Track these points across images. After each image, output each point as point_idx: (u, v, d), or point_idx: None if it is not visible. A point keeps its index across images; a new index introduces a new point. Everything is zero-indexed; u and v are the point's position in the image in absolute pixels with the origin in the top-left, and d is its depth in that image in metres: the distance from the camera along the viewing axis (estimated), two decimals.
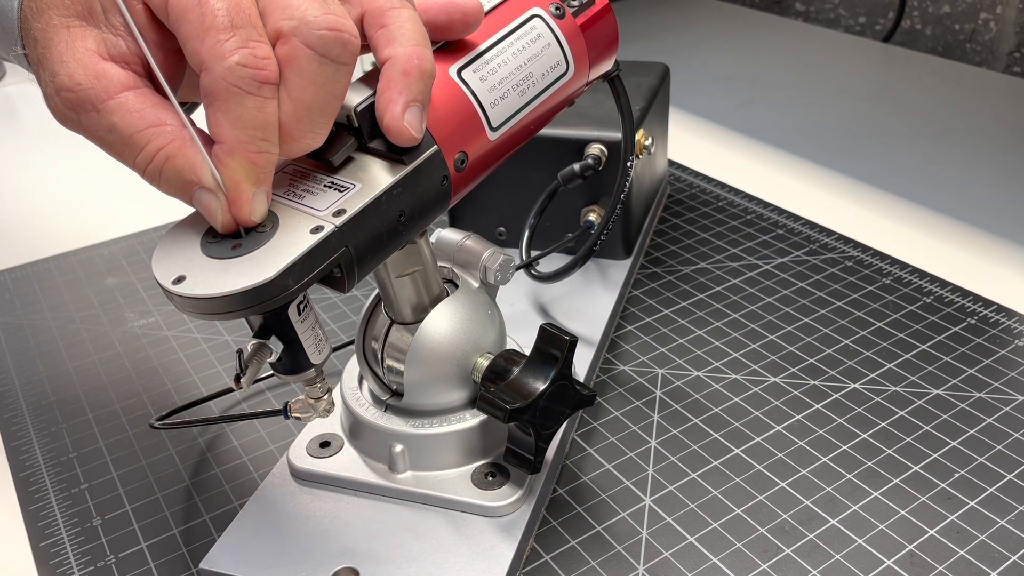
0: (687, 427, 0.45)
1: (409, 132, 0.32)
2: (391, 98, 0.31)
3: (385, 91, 0.32)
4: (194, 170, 0.29)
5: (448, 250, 0.41)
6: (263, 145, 0.29)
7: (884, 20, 1.07)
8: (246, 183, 0.29)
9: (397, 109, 0.31)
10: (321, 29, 0.29)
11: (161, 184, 0.30)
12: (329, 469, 0.40)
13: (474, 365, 0.39)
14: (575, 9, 0.39)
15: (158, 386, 0.51)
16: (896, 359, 0.49)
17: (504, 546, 0.37)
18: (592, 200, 0.55)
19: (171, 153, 0.29)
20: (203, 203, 0.30)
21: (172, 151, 0.29)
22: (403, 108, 0.31)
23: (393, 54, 0.32)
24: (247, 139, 0.29)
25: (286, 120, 0.29)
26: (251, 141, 0.29)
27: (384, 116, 0.32)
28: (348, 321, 0.55)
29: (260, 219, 0.30)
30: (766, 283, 0.57)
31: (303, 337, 0.32)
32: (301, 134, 0.30)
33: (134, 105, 0.29)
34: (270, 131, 0.29)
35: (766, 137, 0.78)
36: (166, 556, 0.40)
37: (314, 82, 0.29)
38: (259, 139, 0.29)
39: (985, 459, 0.42)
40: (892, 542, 0.38)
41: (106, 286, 0.61)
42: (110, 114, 0.29)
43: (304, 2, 0.29)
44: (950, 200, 0.66)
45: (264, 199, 0.30)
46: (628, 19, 1.11)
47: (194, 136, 0.29)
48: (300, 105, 0.29)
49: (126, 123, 0.29)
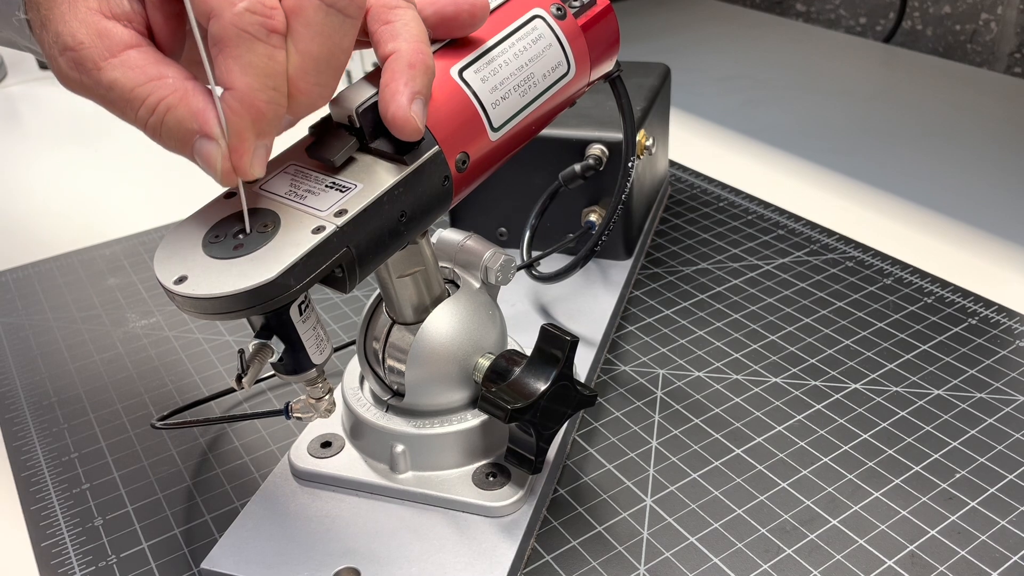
0: (688, 427, 0.45)
1: (415, 123, 0.31)
2: (396, 89, 0.31)
3: (390, 83, 0.31)
4: (196, 118, 0.29)
5: (449, 250, 0.41)
6: (273, 95, 0.29)
7: (885, 21, 1.07)
8: (250, 132, 0.29)
9: (403, 100, 0.31)
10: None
11: (162, 136, 0.30)
12: (330, 469, 0.40)
13: (475, 365, 0.39)
14: (576, 10, 0.39)
15: (159, 386, 0.51)
16: (897, 359, 0.49)
17: (505, 546, 0.37)
18: (593, 200, 0.55)
19: (172, 104, 0.29)
20: (204, 152, 0.29)
21: (173, 102, 0.29)
22: (409, 99, 0.31)
23: (397, 48, 0.32)
24: (258, 87, 0.28)
25: (294, 73, 0.29)
26: (262, 89, 0.29)
27: (390, 107, 0.31)
28: (349, 321, 0.55)
29: (258, 174, 0.30)
30: (767, 283, 0.57)
31: (304, 337, 0.33)
32: (308, 87, 0.30)
33: (136, 61, 0.29)
34: (280, 80, 0.29)
35: (767, 138, 0.78)
36: (167, 556, 0.40)
37: (321, 33, 0.29)
38: (270, 88, 0.29)
39: (986, 459, 0.42)
40: (893, 542, 0.38)
41: (108, 286, 0.61)
42: (112, 71, 0.29)
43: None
44: (951, 200, 0.66)
45: (265, 154, 0.30)
46: (629, 20, 1.11)
47: (197, 86, 0.29)
48: (307, 57, 0.29)
49: (128, 78, 0.29)
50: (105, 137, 0.85)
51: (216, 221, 0.31)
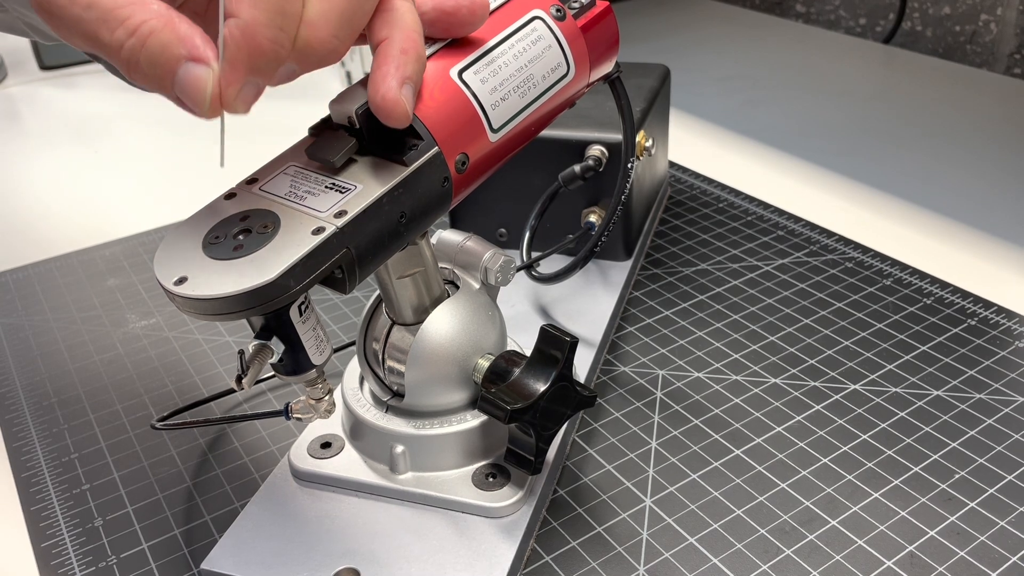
0: (687, 428, 0.45)
1: (403, 106, 0.31)
2: (388, 72, 0.31)
3: (382, 66, 0.31)
4: (183, 43, 0.27)
5: (449, 251, 0.41)
6: (278, 34, 0.27)
7: (885, 21, 1.07)
8: (244, 64, 0.27)
9: (393, 83, 0.31)
10: None
11: (141, 63, 0.27)
12: (330, 470, 0.40)
13: (475, 366, 0.39)
14: (576, 11, 0.39)
15: (159, 387, 0.51)
16: (896, 360, 0.49)
17: (505, 547, 0.37)
18: (593, 201, 0.55)
19: (156, 27, 0.27)
20: (190, 78, 0.27)
21: (157, 25, 0.27)
22: (399, 83, 0.31)
23: (391, 35, 0.31)
24: (265, 21, 0.27)
25: (315, 18, 0.28)
26: (268, 25, 0.27)
27: (379, 90, 0.31)
28: (349, 322, 0.56)
29: (243, 111, 0.28)
30: (766, 284, 0.57)
31: (304, 338, 0.33)
32: (326, 37, 0.29)
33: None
34: (289, 22, 0.28)
35: (767, 138, 0.78)
36: (167, 557, 0.40)
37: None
38: (277, 26, 0.27)
39: (985, 460, 0.42)
40: (892, 543, 0.38)
41: (107, 287, 0.61)
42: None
43: None
44: (950, 201, 0.66)
45: (254, 93, 0.28)
46: (629, 21, 1.11)
47: (183, 16, 0.27)
48: (333, 5, 0.28)
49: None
50: (105, 137, 0.85)
51: (216, 222, 0.31)
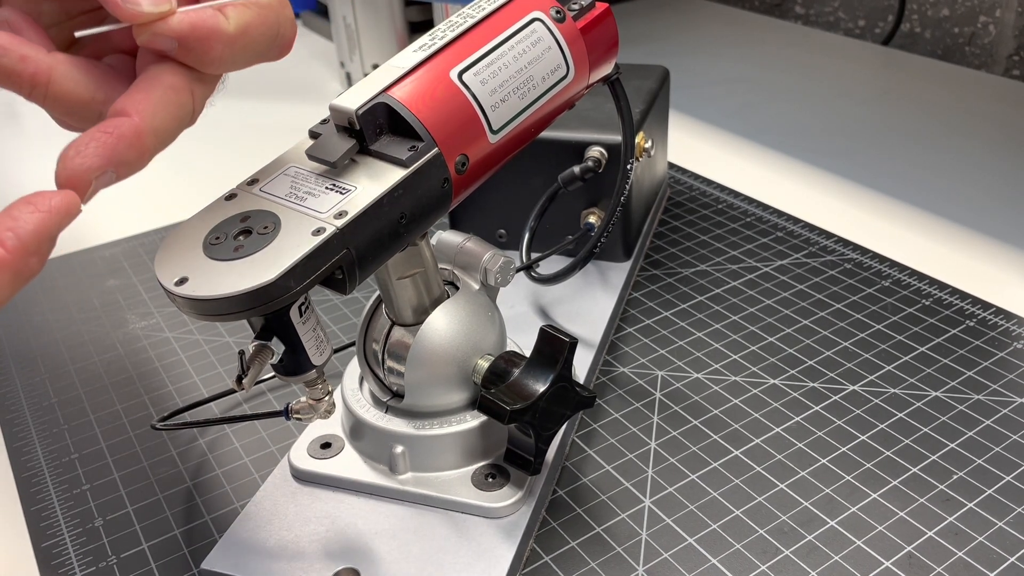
0: (687, 429, 0.45)
1: (82, 193, 0.28)
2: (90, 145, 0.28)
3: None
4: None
5: (449, 252, 0.41)
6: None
7: (884, 23, 1.07)
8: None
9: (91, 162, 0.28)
10: None
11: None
12: (330, 470, 0.40)
13: (474, 367, 0.39)
14: (575, 13, 0.39)
15: (159, 387, 0.51)
16: (895, 361, 0.49)
17: (504, 547, 0.37)
18: (592, 202, 0.55)
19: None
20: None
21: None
22: (99, 165, 0.28)
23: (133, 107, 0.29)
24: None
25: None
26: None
27: (71, 159, 0.28)
28: (349, 323, 0.56)
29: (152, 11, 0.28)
30: (765, 285, 0.57)
31: (304, 338, 0.33)
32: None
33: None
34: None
35: (766, 140, 0.78)
36: (167, 557, 0.40)
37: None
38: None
39: (984, 461, 0.42)
40: (891, 543, 0.38)
41: (108, 287, 0.61)
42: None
43: None
44: (949, 203, 0.66)
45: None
46: (628, 22, 1.11)
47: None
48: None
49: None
50: None
51: (217, 223, 0.31)
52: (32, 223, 0.26)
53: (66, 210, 0.27)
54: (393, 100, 0.33)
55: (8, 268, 0.26)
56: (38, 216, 0.26)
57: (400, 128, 0.33)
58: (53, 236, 0.27)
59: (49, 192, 0.27)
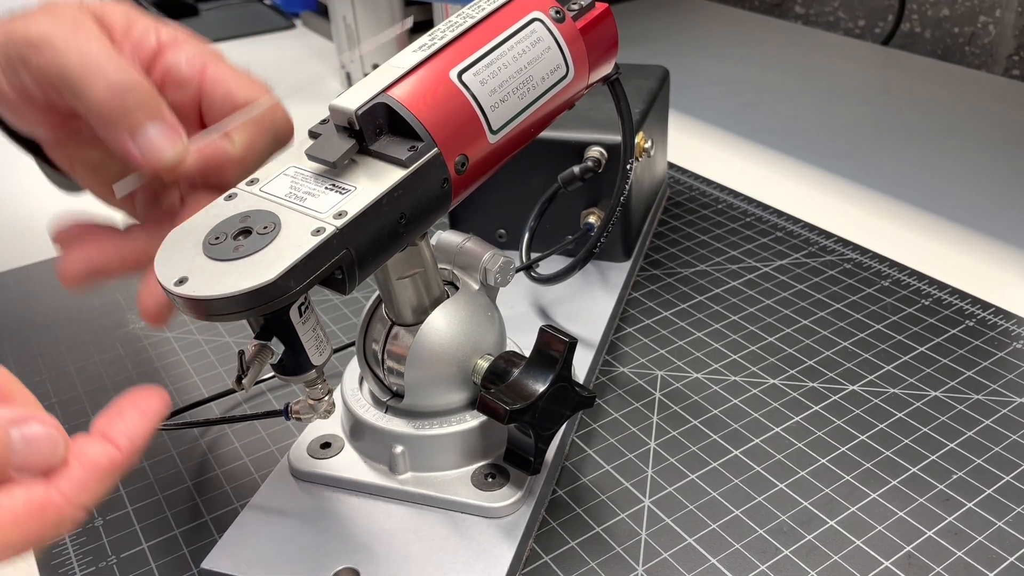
0: (686, 429, 0.45)
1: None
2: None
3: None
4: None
5: (448, 252, 0.41)
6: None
7: (883, 23, 1.07)
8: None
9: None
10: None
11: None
12: (330, 470, 0.41)
13: (474, 367, 0.39)
14: (575, 13, 0.39)
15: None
16: (894, 361, 0.49)
17: (504, 547, 0.37)
18: (592, 202, 0.55)
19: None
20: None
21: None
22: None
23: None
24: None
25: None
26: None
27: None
28: (349, 323, 0.56)
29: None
30: (765, 285, 0.57)
31: (304, 338, 0.33)
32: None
33: None
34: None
35: (765, 140, 0.78)
36: (167, 557, 0.40)
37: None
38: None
39: (983, 461, 0.42)
40: (890, 543, 0.38)
41: (108, 287, 0.61)
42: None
43: None
44: (949, 202, 0.66)
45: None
46: (628, 22, 1.11)
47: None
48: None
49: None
50: None
51: (217, 223, 0.31)
52: (143, 429, 0.29)
53: (163, 411, 0.30)
54: (393, 100, 0.33)
55: (120, 468, 0.28)
56: (146, 422, 0.29)
57: (400, 128, 0.33)
58: (151, 435, 0.30)
59: (148, 394, 0.30)
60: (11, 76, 0.36)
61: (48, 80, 0.35)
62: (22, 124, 0.39)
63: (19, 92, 0.36)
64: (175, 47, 0.37)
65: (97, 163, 0.41)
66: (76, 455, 0.28)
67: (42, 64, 0.35)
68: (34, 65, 0.35)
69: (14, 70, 0.36)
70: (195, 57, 0.37)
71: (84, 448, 0.28)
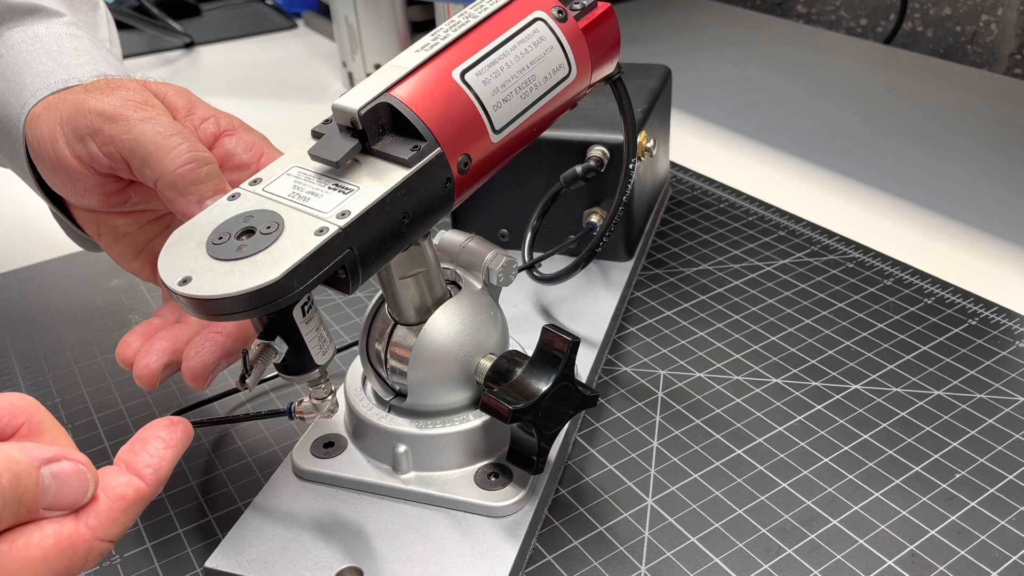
0: (689, 428, 0.45)
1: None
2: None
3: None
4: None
5: (451, 252, 0.41)
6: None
7: (885, 22, 1.07)
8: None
9: None
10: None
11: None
12: (333, 469, 0.41)
13: (477, 366, 0.39)
14: (577, 12, 0.39)
15: (163, 387, 0.51)
16: (897, 360, 0.49)
17: (507, 546, 0.37)
18: (594, 202, 0.55)
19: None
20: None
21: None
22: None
23: None
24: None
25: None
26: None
27: None
28: (352, 322, 0.56)
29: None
30: (767, 285, 0.57)
31: (308, 338, 0.33)
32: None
33: None
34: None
35: (768, 139, 0.78)
36: (171, 556, 0.40)
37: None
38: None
39: (986, 460, 0.42)
40: (893, 542, 0.38)
41: (111, 288, 0.61)
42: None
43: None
44: (951, 202, 0.66)
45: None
46: (630, 22, 1.11)
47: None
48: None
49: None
50: None
51: (220, 223, 0.31)
52: (167, 459, 0.29)
53: (187, 441, 0.31)
54: (395, 100, 0.33)
55: (145, 500, 0.29)
56: (170, 452, 0.30)
57: (402, 128, 0.33)
58: (175, 465, 0.30)
59: (171, 423, 0.30)
60: (76, 145, 0.38)
61: (119, 150, 0.37)
62: (74, 190, 0.40)
63: (82, 161, 0.38)
64: (234, 133, 0.39)
65: (125, 232, 0.43)
66: (102, 487, 0.28)
67: (115, 135, 0.36)
68: (107, 136, 0.37)
69: (81, 141, 0.38)
70: (253, 144, 0.39)
71: (110, 480, 0.28)
